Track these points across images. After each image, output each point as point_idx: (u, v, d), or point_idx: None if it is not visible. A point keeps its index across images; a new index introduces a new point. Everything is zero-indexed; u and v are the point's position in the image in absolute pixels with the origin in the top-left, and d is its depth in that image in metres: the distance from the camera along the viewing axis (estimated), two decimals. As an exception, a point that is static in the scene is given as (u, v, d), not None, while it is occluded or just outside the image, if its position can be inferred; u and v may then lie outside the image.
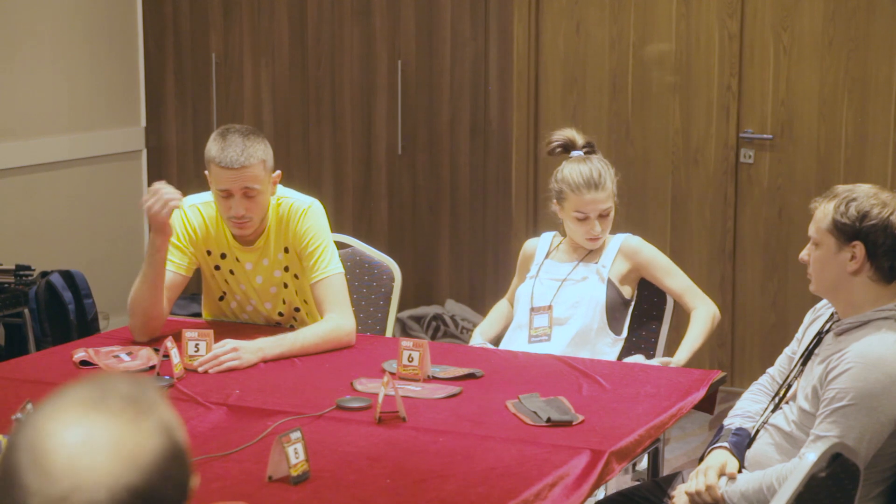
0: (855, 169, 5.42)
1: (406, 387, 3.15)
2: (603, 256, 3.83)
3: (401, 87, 6.16)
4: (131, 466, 1.12)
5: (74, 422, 1.13)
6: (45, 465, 1.11)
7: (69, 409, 1.15)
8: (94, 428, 1.13)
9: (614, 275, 3.81)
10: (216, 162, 3.50)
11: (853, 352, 2.77)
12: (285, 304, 3.74)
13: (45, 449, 1.12)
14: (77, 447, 1.12)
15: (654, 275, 3.83)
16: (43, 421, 1.14)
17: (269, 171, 3.56)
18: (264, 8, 6.39)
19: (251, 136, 3.53)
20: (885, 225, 2.79)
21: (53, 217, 6.19)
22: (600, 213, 3.77)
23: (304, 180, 6.25)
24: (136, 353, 3.47)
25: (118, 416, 1.14)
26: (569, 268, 3.84)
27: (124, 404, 1.15)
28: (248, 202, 3.53)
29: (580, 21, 5.80)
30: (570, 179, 3.76)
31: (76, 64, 6.28)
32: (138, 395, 1.17)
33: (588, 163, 3.79)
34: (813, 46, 5.46)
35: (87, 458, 1.11)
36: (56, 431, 1.13)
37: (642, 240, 3.89)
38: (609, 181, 3.78)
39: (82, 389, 1.17)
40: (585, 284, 3.79)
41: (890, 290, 2.84)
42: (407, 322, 6.00)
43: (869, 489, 2.76)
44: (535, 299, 3.81)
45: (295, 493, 2.51)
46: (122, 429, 1.14)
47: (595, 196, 3.75)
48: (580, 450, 2.73)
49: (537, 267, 3.89)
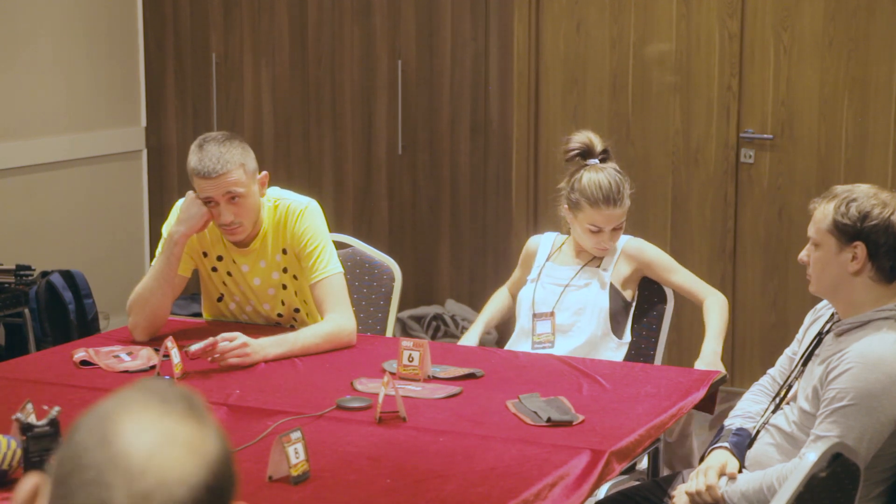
0: (855, 169, 5.42)
1: (406, 387, 3.15)
2: (605, 260, 3.81)
3: (401, 87, 6.16)
4: (204, 465, 1.16)
5: (148, 422, 1.17)
6: (127, 463, 1.14)
7: (138, 410, 1.18)
8: (168, 428, 1.17)
9: (617, 278, 3.79)
10: (195, 173, 3.52)
11: (853, 352, 2.77)
12: (284, 306, 3.74)
13: (124, 448, 1.14)
14: (157, 446, 1.15)
15: (659, 274, 3.83)
16: (112, 422, 1.17)
17: (251, 173, 3.55)
18: (264, 8, 6.39)
19: (227, 142, 3.53)
20: (886, 225, 2.79)
21: (53, 217, 6.19)
22: (614, 227, 3.76)
23: (304, 180, 6.25)
24: (136, 353, 3.48)
25: (185, 418, 1.18)
26: (570, 272, 3.82)
27: (186, 408, 1.19)
28: (234, 207, 3.54)
29: (580, 21, 5.80)
30: (590, 192, 3.71)
31: (76, 64, 6.28)
32: (193, 401, 1.21)
33: (606, 174, 3.74)
34: (813, 46, 5.46)
35: (167, 457, 1.15)
36: (131, 431, 1.16)
37: (643, 241, 3.88)
38: (626, 195, 3.75)
39: (141, 393, 1.20)
40: (588, 291, 3.77)
41: (890, 290, 2.84)
42: (407, 322, 6.00)
43: (869, 489, 2.76)
44: (537, 305, 3.79)
45: (295, 493, 2.51)
46: (191, 430, 1.17)
47: (612, 212, 3.73)
48: (580, 450, 2.73)
49: (538, 269, 3.87)
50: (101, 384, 3.23)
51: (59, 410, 2.51)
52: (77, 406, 3.03)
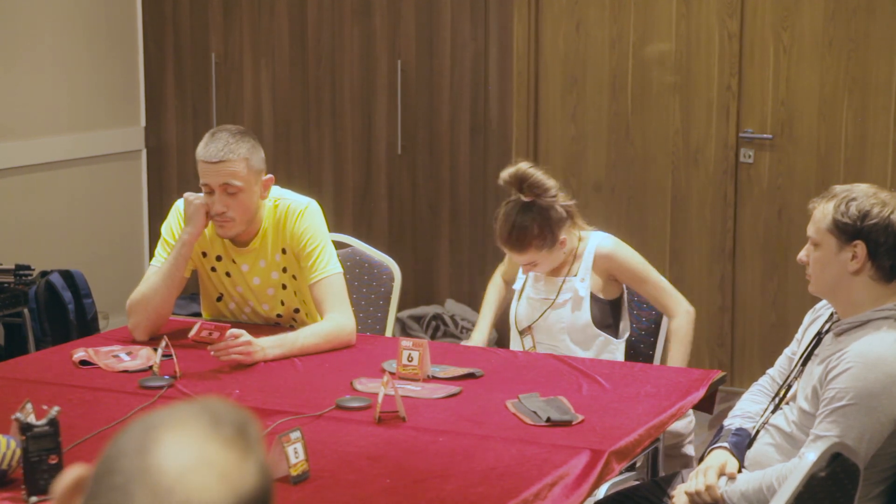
0: (855, 169, 5.42)
1: (406, 386, 3.15)
2: (581, 268, 3.73)
3: (400, 87, 6.16)
4: (233, 496, 1.13)
5: (190, 442, 1.14)
6: (156, 479, 1.12)
7: (184, 427, 1.16)
8: (207, 451, 1.14)
9: (595, 287, 3.73)
10: (199, 156, 3.54)
11: (853, 352, 2.77)
12: (283, 306, 3.73)
13: (158, 462, 1.13)
14: (191, 468, 1.13)
15: (628, 282, 3.77)
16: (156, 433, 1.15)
17: (254, 171, 3.55)
18: (264, 8, 6.39)
19: (238, 135, 3.54)
20: (886, 224, 2.79)
21: (53, 217, 6.19)
22: (527, 264, 3.70)
23: (304, 180, 6.25)
24: (135, 352, 3.48)
25: (229, 445, 1.15)
26: (553, 287, 3.74)
27: (235, 435, 1.16)
28: (228, 199, 3.53)
29: (580, 21, 5.80)
30: (497, 229, 3.68)
31: (76, 64, 6.28)
32: (246, 429, 1.18)
33: (514, 216, 3.65)
34: (813, 46, 5.46)
35: (197, 481, 1.12)
36: (170, 447, 1.14)
37: (615, 241, 3.77)
38: (534, 245, 3.63)
39: (196, 410, 1.18)
40: (568, 309, 3.72)
41: (890, 289, 2.84)
42: (407, 322, 6.00)
43: (869, 489, 2.76)
44: (520, 322, 3.79)
45: (295, 492, 2.51)
46: (231, 458, 1.15)
47: (514, 256, 3.71)
48: (580, 449, 2.73)
49: (521, 282, 3.83)
50: (101, 384, 3.23)
51: (59, 410, 2.51)
52: (76, 406, 3.03)
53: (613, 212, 5.78)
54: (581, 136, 5.86)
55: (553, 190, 3.67)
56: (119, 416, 2.92)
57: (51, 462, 2.46)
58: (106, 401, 3.09)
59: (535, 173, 3.66)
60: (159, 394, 3.12)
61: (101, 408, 3.04)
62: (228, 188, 3.52)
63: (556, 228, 3.64)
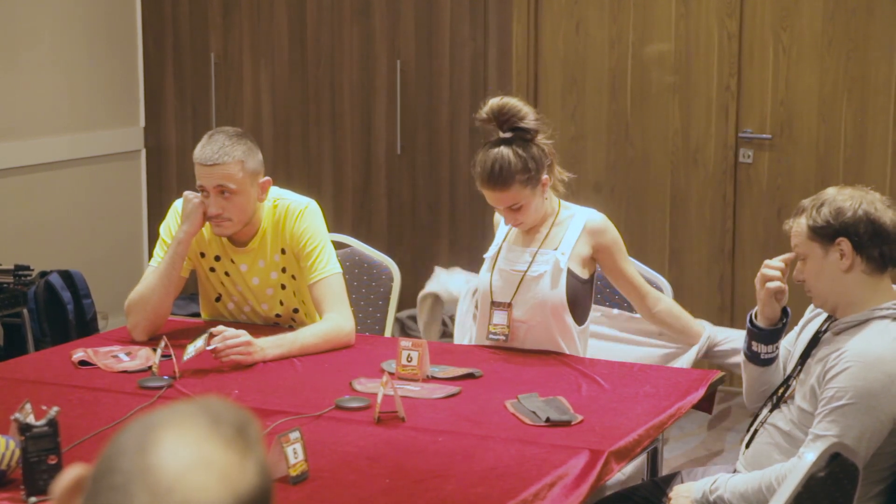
0: (854, 169, 5.42)
1: (405, 387, 3.15)
2: (563, 242, 3.54)
3: (400, 88, 6.16)
4: (232, 496, 1.13)
5: (189, 441, 1.14)
6: (155, 478, 1.12)
7: (183, 427, 1.16)
8: (207, 451, 1.14)
9: (575, 259, 3.52)
10: (195, 158, 3.55)
11: (851, 351, 2.78)
12: (283, 306, 3.73)
13: (157, 462, 1.13)
14: (190, 468, 1.13)
15: (610, 262, 3.56)
16: (155, 433, 1.15)
17: (250, 173, 3.55)
18: (264, 8, 6.39)
19: (235, 137, 3.54)
20: (860, 215, 2.86)
21: (52, 217, 6.19)
22: (510, 207, 3.48)
23: (303, 180, 6.25)
24: (134, 353, 3.48)
25: (229, 444, 1.15)
26: (526, 258, 3.55)
27: (235, 435, 1.16)
28: (223, 201, 3.54)
29: (580, 21, 5.80)
30: (477, 170, 3.49)
31: (76, 64, 6.28)
32: (246, 428, 1.18)
33: (496, 153, 3.47)
34: (812, 46, 5.46)
35: (198, 479, 1.12)
36: (170, 447, 1.14)
37: (607, 221, 3.59)
38: (520, 179, 3.43)
39: (195, 410, 1.18)
40: (544, 283, 3.51)
41: (885, 280, 2.87)
42: (406, 322, 6.00)
43: (868, 489, 2.76)
44: (495, 294, 3.58)
45: (294, 493, 2.51)
46: (231, 458, 1.15)
47: (496, 194, 3.46)
48: (579, 450, 2.73)
49: (496, 247, 3.63)
50: (100, 384, 3.23)
51: (58, 410, 2.51)
52: (76, 406, 3.03)
53: (613, 212, 5.75)
54: (581, 136, 5.86)
55: (531, 115, 3.53)
56: (118, 417, 2.92)
57: (50, 462, 2.46)
58: (105, 401, 3.09)
59: (510, 100, 3.53)
60: (158, 394, 3.12)
61: (100, 408, 3.04)
62: (223, 191, 3.52)
63: (538, 164, 3.47)
